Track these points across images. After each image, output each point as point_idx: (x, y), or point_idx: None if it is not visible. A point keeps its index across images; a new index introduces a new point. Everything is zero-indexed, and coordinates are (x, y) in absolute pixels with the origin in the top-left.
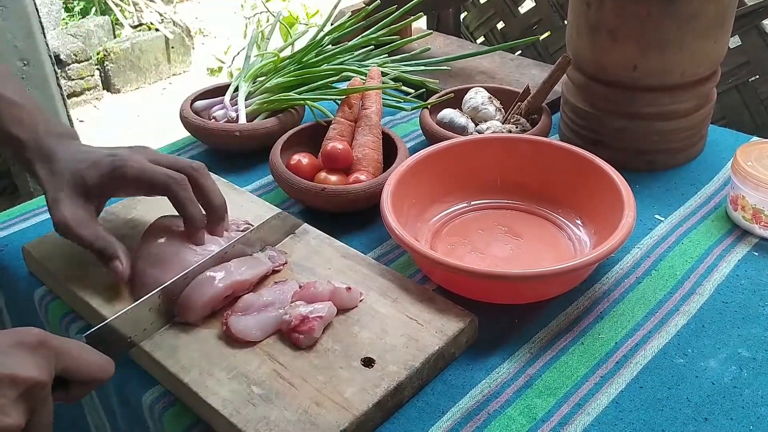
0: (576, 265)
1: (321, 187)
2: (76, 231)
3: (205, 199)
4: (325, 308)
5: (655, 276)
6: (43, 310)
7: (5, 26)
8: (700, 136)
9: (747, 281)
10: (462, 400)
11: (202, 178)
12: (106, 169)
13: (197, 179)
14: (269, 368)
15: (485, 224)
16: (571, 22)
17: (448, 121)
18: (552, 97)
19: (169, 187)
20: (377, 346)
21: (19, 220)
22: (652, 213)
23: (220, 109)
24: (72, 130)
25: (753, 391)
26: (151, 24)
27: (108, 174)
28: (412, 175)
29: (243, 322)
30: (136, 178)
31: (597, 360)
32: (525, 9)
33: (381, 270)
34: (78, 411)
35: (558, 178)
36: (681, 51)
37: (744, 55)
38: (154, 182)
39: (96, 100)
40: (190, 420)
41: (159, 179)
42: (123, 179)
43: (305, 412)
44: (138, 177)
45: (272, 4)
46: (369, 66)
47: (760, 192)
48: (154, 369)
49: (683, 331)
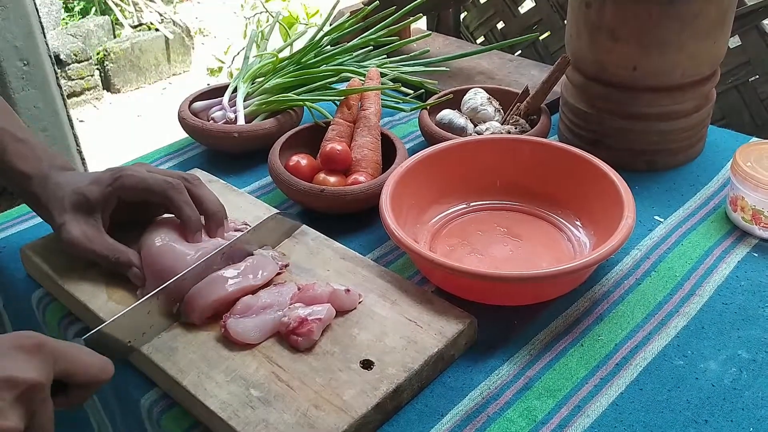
0: (575, 267)
1: (320, 188)
2: (88, 247)
3: (201, 207)
4: (324, 310)
5: (655, 277)
6: (41, 312)
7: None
8: (699, 137)
9: (747, 282)
10: (461, 402)
11: (197, 188)
12: (106, 181)
13: (191, 189)
14: (268, 371)
15: (484, 225)
16: (571, 23)
17: (448, 121)
18: (551, 98)
19: (166, 191)
20: (376, 348)
21: (17, 221)
22: (652, 214)
23: (219, 110)
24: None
25: (753, 392)
26: (151, 24)
27: (108, 185)
28: (411, 177)
29: (241, 325)
30: (135, 185)
31: (597, 362)
32: (525, 9)
33: (380, 271)
34: (81, 412)
35: (557, 179)
36: (681, 51)
37: (744, 55)
38: (152, 188)
39: (96, 100)
40: (188, 422)
41: (157, 184)
42: (122, 188)
43: (304, 415)
44: (136, 184)
45: (272, 5)
46: (368, 67)
47: (760, 193)
48: (152, 371)
49: (683, 332)
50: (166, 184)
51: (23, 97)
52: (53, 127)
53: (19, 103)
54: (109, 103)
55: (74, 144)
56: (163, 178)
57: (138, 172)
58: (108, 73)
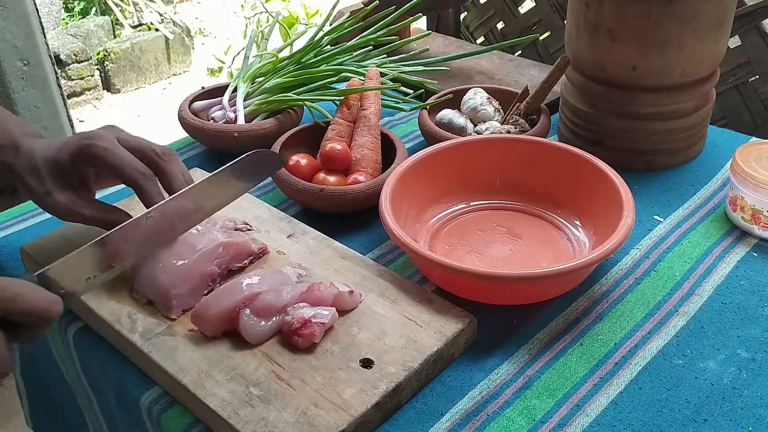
0: (575, 266)
1: (320, 187)
2: (80, 211)
3: (168, 184)
4: (329, 314)
5: (654, 277)
6: None
7: (5, 26)
8: (699, 137)
9: (746, 282)
10: (461, 401)
11: (166, 164)
12: (73, 146)
13: (160, 165)
14: (268, 369)
15: (484, 225)
16: (570, 23)
17: (447, 121)
18: (551, 98)
19: (137, 180)
20: (376, 347)
21: (18, 220)
22: (651, 213)
23: (219, 110)
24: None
25: (752, 392)
26: (151, 24)
27: (76, 151)
28: (411, 176)
29: (259, 328)
30: (102, 156)
31: (596, 361)
32: (525, 9)
33: (380, 271)
34: (76, 410)
35: (557, 178)
36: (680, 51)
37: (744, 55)
38: (124, 172)
39: (96, 100)
40: (188, 421)
41: (129, 170)
42: (90, 157)
43: (304, 413)
44: (104, 156)
45: (272, 5)
46: (368, 66)
47: (759, 193)
48: (152, 370)
49: (682, 332)
50: (136, 171)
51: (23, 97)
52: (53, 127)
53: (19, 103)
54: (109, 103)
55: None
56: (135, 164)
57: (107, 142)
58: (108, 73)
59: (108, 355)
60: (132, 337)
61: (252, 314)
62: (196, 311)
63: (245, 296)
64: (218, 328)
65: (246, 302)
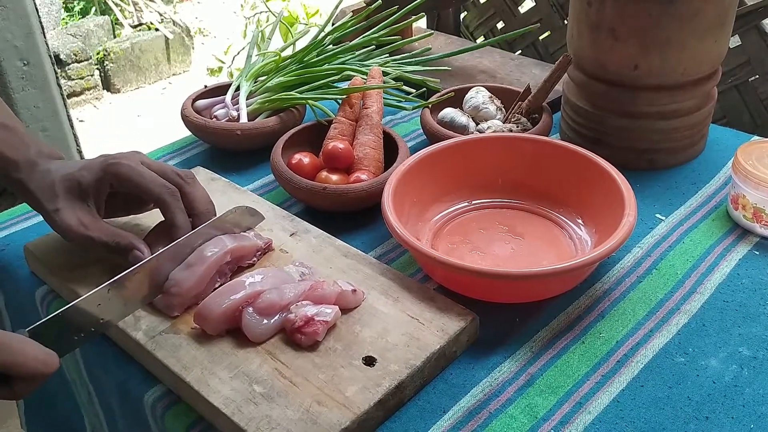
0: (577, 264)
1: (322, 186)
2: (84, 233)
3: (191, 205)
4: (332, 313)
5: (656, 275)
6: (44, 310)
7: (5, 26)
8: (700, 136)
9: (748, 280)
10: (463, 399)
11: (189, 187)
12: (98, 167)
13: (183, 187)
14: (271, 367)
15: (486, 223)
16: (572, 22)
17: (449, 120)
18: (553, 97)
19: (162, 194)
20: (378, 345)
21: (21, 219)
22: (653, 212)
23: (222, 108)
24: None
25: (754, 389)
26: (151, 24)
27: (100, 172)
28: (413, 175)
29: (261, 326)
30: (128, 176)
31: (598, 359)
32: (525, 9)
33: (382, 269)
34: (74, 410)
35: (559, 177)
36: (682, 50)
37: (744, 55)
38: (149, 188)
39: (96, 100)
40: (191, 419)
41: (154, 186)
42: (115, 176)
43: (307, 411)
44: (130, 176)
45: (272, 4)
46: (370, 65)
47: (761, 191)
48: (155, 368)
49: (684, 330)
50: (163, 188)
51: (23, 97)
52: (53, 127)
53: (19, 102)
54: (109, 102)
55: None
56: (161, 181)
57: (133, 163)
58: (108, 73)
59: (111, 353)
60: (136, 335)
61: (255, 312)
62: (200, 310)
63: (248, 295)
64: (221, 327)
65: (249, 301)
